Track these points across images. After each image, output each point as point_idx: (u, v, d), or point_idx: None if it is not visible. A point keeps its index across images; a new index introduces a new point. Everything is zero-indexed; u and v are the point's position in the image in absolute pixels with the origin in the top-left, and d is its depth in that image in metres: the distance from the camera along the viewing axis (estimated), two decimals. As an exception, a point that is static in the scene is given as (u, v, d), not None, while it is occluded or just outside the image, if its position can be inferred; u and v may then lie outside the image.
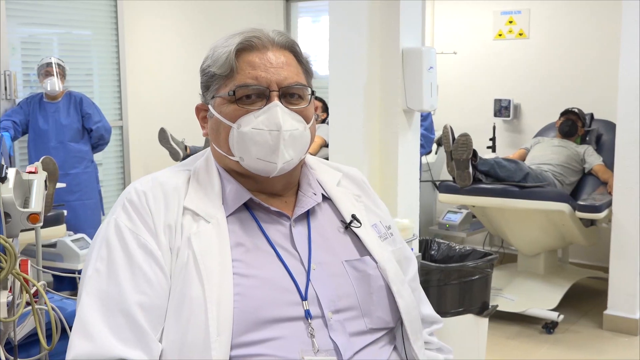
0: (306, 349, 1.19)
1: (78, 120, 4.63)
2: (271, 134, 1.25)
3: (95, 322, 1.15)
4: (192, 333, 1.15)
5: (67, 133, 4.59)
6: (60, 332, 1.69)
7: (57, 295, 1.99)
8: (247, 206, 1.30)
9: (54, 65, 4.51)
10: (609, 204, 4.10)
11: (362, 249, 1.33)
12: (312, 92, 1.33)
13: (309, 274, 1.25)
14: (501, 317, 4.17)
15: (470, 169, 4.05)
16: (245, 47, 1.28)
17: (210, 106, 1.31)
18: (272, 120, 1.25)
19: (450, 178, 4.36)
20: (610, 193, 4.19)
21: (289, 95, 1.29)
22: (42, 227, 3.25)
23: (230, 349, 1.15)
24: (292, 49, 1.32)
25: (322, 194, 1.37)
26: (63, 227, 3.33)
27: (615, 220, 4.09)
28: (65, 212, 3.60)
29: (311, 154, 1.45)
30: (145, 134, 5.34)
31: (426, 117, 4.50)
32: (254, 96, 1.27)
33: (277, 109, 1.25)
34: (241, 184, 1.31)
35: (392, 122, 2.71)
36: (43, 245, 3.97)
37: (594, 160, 4.51)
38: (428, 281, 2.85)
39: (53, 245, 3.93)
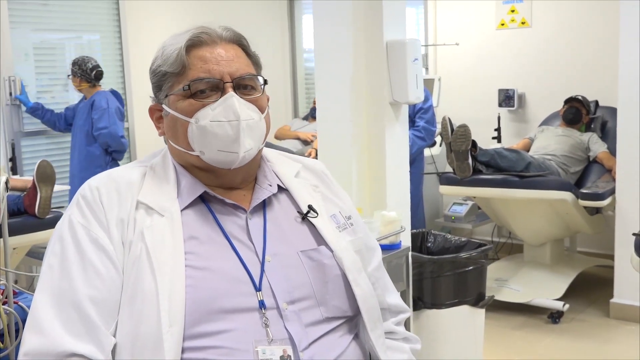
0: (260, 339, 1.20)
1: (89, 124, 4.68)
2: (230, 124, 1.26)
3: (47, 317, 1.17)
4: (145, 325, 1.16)
5: (81, 136, 4.67)
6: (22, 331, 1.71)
7: (31, 295, 2.02)
8: (204, 199, 1.31)
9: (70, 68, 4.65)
10: (612, 192, 4.07)
11: (319, 239, 1.34)
12: (265, 82, 1.35)
13: (263, 265, 1.26)
14: (506, 308, 4.15)
15: (470, 160, 4.03)
16: (195, 43, 1.30)
17: (164, 105, 1.33)
18: (230, 111, 1.27)
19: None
20: (614, 180, 4.15)
21: (242, 87, 1.31)
22: (40, 230, 3.33)
23: (182, 340, 1.16)
24: (239, 42, 1.35)
25: (279, 185, 1.38)
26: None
27: (619, 207, 4.05)
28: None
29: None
30: (152, 135, 5.36)
31: (427, 110, 4.49)
32: (208, 90, 1.28)
33: (233, 99, 1.27)
34: (201, 178, 1.32)
35: (379, 115, 2.71)
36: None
37: (598, 147, 4.46)
38: (421, 273, 2.85)
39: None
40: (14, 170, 4.46)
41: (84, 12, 5.13)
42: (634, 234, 2.74)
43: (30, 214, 3.33)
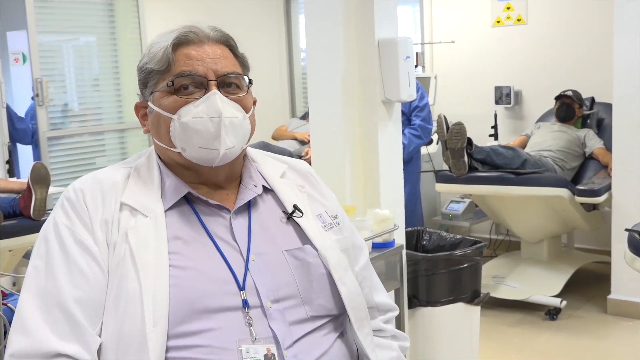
0: (243, 338, 1.20)
1: None
2: (212, 120, 1.27)
3: (32, 318, 1.17)
4: (129, 325, 1.17)
5: None
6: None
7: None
8: (188, 200, 1.32)
9: None
10: (608, 188, 4.06)
11: (304, 239, 1.34)
12: (250, 82, 1.35)
13: (247, 264, 1.27)
14: (504, 305, 4.16)
15: (466, 158, 4.03)
16: (182, 42, 1.31)
17: (149, 102, 1.33)
18: (212, 108, 1.27)
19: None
20: (610, 176, 4.15)
21: (226, 85, 1.31)
22: (36, 232, 3.33)
23: (167, 339, 1.17)
24: (227, 43, 1.35)
25: (265, 186, 1.38)
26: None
27: (615, 203, 4.05)
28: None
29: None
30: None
31: (423, 108, 4.49)
32: (192, 87, 1.29)
33: (215, 97, 1.28)
34: (184, 177, 1.33)
35: (371, 113, 2.71)
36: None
37: (594, 143, 4.46)
38: (416, 271, 2.86)
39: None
40: (10, 173, 4.46)
41: (84, 13, 5.13)
42: (626, 230, 2.73)
43: (26, 216, 3.34)
